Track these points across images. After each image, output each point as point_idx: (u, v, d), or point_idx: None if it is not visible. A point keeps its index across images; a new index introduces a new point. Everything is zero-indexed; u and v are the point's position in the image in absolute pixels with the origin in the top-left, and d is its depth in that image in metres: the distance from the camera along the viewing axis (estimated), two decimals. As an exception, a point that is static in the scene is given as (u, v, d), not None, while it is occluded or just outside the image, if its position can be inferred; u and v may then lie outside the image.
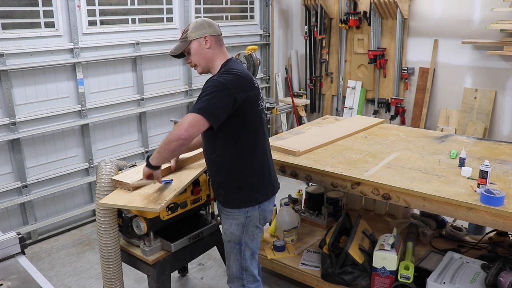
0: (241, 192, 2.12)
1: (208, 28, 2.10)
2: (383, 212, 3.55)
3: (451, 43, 4.88)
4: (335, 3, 5.69)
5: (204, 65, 2.13)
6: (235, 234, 2.16)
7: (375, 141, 3.15)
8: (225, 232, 2.20)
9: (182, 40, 2.13)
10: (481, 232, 3.14)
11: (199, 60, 2.11)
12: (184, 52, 2.14)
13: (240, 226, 2.15)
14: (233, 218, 2.15)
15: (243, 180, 2.11)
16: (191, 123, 1.87)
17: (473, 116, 4.79)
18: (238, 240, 2.17)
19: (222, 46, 2.16)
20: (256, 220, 2.17)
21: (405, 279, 2.48)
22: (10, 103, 3.46)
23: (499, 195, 2.08)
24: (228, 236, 2.19)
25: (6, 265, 1.76)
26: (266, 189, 2.18)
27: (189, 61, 2.15)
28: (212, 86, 1.94)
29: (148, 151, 4.53)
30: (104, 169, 2.35)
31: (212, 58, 2.11)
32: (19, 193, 3.64)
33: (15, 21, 3.49)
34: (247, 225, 2.15)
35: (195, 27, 2.10)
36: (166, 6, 4.51)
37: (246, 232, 2.16)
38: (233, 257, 2.22)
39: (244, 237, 2.17)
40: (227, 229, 2.18)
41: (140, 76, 4.34)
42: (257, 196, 2.14)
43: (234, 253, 2.21)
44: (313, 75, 6.06)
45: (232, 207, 2.14)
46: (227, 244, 2.23)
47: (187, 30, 2.12)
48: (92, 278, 3.27)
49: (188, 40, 2.10)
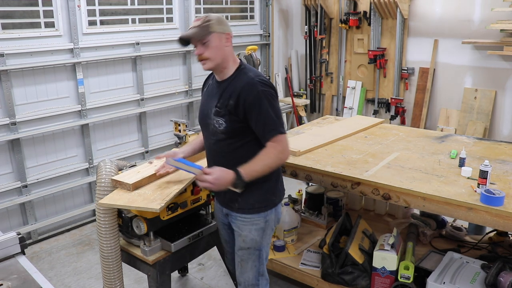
0: (260, 197, 2.07)
1: (229, 27, 2.01)
2: (383, 212, 3.55)
3: (451, 43, 4.88)
4: (335, 3, 5.68)
5: (219, 62, 1.97)
6: (256, 240, 2.09)
7: (375, 141, 3.15)
8: (245, 239, 2.11)
9: (202, 27, 1.92)
10: (481, 232, 3.14)
11: (215, 56, 1.95)
12: (192, 42, 1.96)
13: (260, 231, 2.09)
14: (252, 223, 2.08)
15: (263, 184, 2.05)
16: (286, 143, 1.98)
17: (473, 116, 4.79)
18: (259, 246, 2.11)
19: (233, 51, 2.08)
20: (273, 222, 2.14)
21: (405, 279, 2.48)
22: (10, 103, 3.46)
23: (499, 195, 2.08)
24: (249, 243, 2.10)
25: (6, 265, 1.76)
26: (280, 191, 2.17)
27: (200, 52, 1.95)
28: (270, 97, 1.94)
29: (148, 151, 4.53)
30: (104, 169, 2.35)
31: (227, 57, 1.99)
32: (19, 193, 3.64)
33: (15, 21, 3.49)
34: (266, 228, 2.11)
35: (218, 21, 1.95)
36: (166, 6, 4.51)
37: (265, 236, 2.12)
38: (251, 263, 2.14)
39: (263, 241, 2.12)
40: (247, 235, 2.09)
41: (140, 76, 4.34)
42: (274, 198, 2.12)
43: (252, 259, 2.13)
44: (313, 75, 6.06)
45: (251, 212, 2.07)
46: (244, 252, 2.13)
47: (209, 20, 1.93)
48: (92, 278, 3.27)
49: (210, 31, 1.92)
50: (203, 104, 2.15)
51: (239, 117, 1.95)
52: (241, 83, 1.96)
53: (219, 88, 2.04)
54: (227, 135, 2.00)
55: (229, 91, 1.97)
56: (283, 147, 1.95)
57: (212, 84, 2.12)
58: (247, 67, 2.04)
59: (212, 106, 2.03)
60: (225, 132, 1.99)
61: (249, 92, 1.92)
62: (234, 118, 1.96)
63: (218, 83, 2.06)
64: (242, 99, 1.92)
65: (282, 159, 1.98)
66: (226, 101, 1.96)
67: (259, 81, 1.94)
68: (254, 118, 1.93)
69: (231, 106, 1.95)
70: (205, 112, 2.09)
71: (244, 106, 1.92)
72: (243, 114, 1.94)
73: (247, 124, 1.97)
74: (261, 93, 1.91)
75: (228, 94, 1.97)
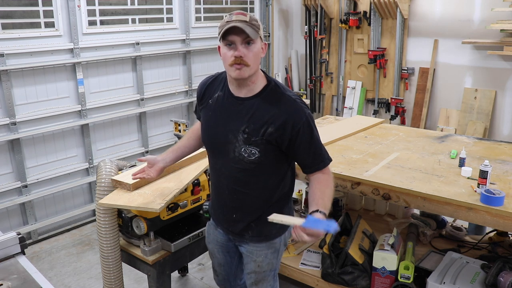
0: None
1: None
2: (383, 212, 3.55)
3: (451, 43, 4.88)
4: (335, 3, 5.68)
5: (253, 72, 1.69)
6: (272, 262, 1.96)
7: (375, 141, 3.15)
8: (260, 264, 1.94)
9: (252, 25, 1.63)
10: (481, 232, 3.14)
11: (255, 63, 1.67)
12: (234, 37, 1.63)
13: (275, 254, 1.96)
14: (268, 247, 1.92)
15: (282, 208, 1.88)
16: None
17: (473, 116, 4.79)
18: (274, 267, 2.00)
19: None
20: (284, 241, 1.99)
21: (405, 279, 2.47)
22: (10, 103, 3.46)
23: (499, 195, 2.07)
24: (265, 267, 1.95)
25: (6, 265, 1.75)
26: (291, 211, 2.03)
27: (242, 54, 1.62)
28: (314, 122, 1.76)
29: (148, 151, 4.53)
30: (104, 169, 2.35)
31: (258, 67, 1.72)
32: (19, 193, 3.64)
33: (15, 21, 3.49)
34: (280, 249, 1.98)
35: (260, 27, 1.71)
36: (166, 6, 4.51)
37: (279, 255, 2.00)
38: (266, 283, 2.02)
39: (278, 261, 2.02)
40: (263, 261, 1.93)
41: (140, 76, 4.34)
42: None
43: (267, 280, 2.01)
44: (313, 75, 6.06)
45: (269, 239, 1.91)
46: (259, 275, 1.98)
47: (257, 20, 1.68)
48: (92, 278, 3.27)
49: (258, 33, 1.67)
50: (216, 124, 1.80)
51: (280, 146, 1.71)
52: (282, 105, 1.69)
53: (243, 106, 1.72)
54: (259, 165, 1.74)
55: (264, 114, 1.69)
56: (332, 176, 1.83)
57: (225, 98, 1.78)
58: (278, 84, 1.77)
59: (236, 129, 1.73)
60: (258, 162, 1.72)
61: (298, 118, 1.68)
62: (272, 147, 1.71)
63: (239, 100, 1.74)
64: (290, 126, 1.67)
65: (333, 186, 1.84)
66: (262, 127, 1.68)
67: (301, 102, 1.73)
68: (302, 147, 1.72)
69: (270, 134, 1.68)
70: (223, 135, 1.76)
71: (292, 134, 1.68)
72: (287, 142, 1.70)
73: (286, 152, 1.75)
74: (309, 119, 1.70)
75: (263, 117, 1.68)
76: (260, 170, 1.76)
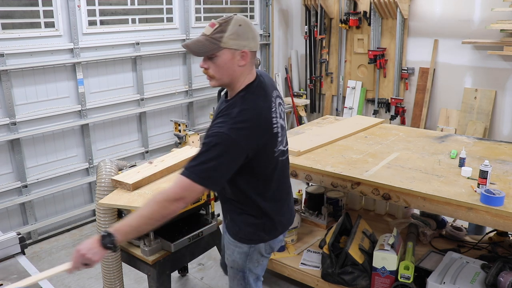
0: (247, 229, 1.86)
1: (252, 40, 1.65)
2: (383, 212, 3.55)
3: (451, 43, 4.88)
4: (335, 3, 5.68)
5: (225, 82, 1.68)
6: (237, 262, 1.93)
7: (375, 141, 3.15)
8: (228, 258, 1.98)
9: (211, 39, 1.60)
10: (481, 232, 3.14)
11: (222, 75, 1.65)
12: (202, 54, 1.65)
13: (243, 255, 1.91)
14: (235, 246, 1.91)
15: (252, 219, 1.84)
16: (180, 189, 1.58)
17: (473, 116, 4.79)
18: (241, 268, 1.95)
19: (253, 65, 1.72)
20: (262, 249, 1.92)
21: (405, 279, 2.48)
22: (10, 103, 3.46)
23: (499, 195, 2.08)
24: (231, 263, 1.97)
25: (6, 265, 1.76)
26: (275, 231, 1.92)
27: (205, 67, 1.65)
28: (222, 145, 1.55)
29: (148, 151, 4.53)
30: (104, 169, 2.35)
31: (239, 77, 1.67)
32: (19, 193, 3.64)
33: (15, 21, 3.49)
34: (251, 254, 1.91)
35: (236, 32, 1.60)
36: (166, 6, 4.51)
37: (250, 260, 1.92)
38: (236, 281, 2.01)
39: (248, 265, 1.94)
40: (230, 255, 1.95)
41: (140, 76, 4.34)
42: (263, 235, 1.88)
43: (237, 279, 2.00)
44: (313, 75, 6.06)
45: (235, 238, 1.90)
46: (229, 269, 2.01)
47: (224, 31, 1.59)
48: (92, 278, 3.27)
49: (220, 46, 1.60)
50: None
51: None
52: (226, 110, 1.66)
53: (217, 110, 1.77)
54: None
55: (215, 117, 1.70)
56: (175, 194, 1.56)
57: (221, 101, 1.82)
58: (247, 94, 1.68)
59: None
60: None
61: (215, 125, 1.62)
62: None
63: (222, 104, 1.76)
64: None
65: (168, 209, 1.57)
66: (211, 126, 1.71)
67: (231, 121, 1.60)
68: None
69: None
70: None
71: None
72: None
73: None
74: (218, 134, 1.57)
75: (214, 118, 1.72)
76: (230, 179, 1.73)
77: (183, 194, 1.57)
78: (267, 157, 1.74)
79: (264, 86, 1.77)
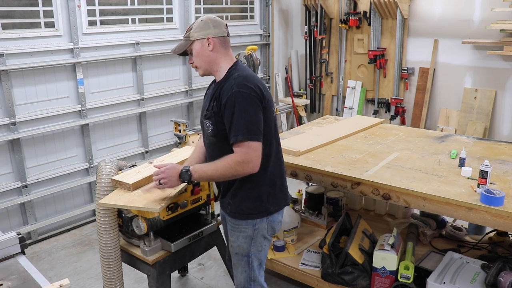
0: (252, 203, 2.01)
1: (213, 28, 1.96)
2: (383, 212, 3.55)
3: (451, 43, 4.88)
4: (335, 3, 5.69)
5: (206, 68, 2.01)
6: (242, 247, 2.07)
7: (375, 141, 3.15)
8: (232, 244, 2.11)
9: (185, 38, 2.00)
10: (481, 232, 3.14)
11: (201, 63, 1.99)
12: (187, 51, 2.03)
13: (247, 239, 2.06)
14: (240, 230, 2.05)
15: (254, 190, 2.00)
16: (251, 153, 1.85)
17: (473, 116, 4.79)
18: (246, 253, 2.08)
19: (228, 48, 2.02)
20: (265, 231, 2.06)
21: (405, 279, 2.48)
22: (10, 103, 3.46)
23: (499, 195, 2.08)
24: (236, 249, 2.10)
25: (6, 265, 1.76)
26: (278, 199, 2.09)
27: (191, 62, 2.04)
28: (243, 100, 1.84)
29: (148, 151, 4.53)
30: (104, 169, 2.35)
31: (215, 61, 1.99)
32: (19, 193, 3.64)
33: (15, 21, 3.49)
34: (255, 237, 2.05)
35: (199, 26, 1.96)
36: (166, 6, 4.51)
37: (254, 244, 2.07)
38: (240, 268, 2.13)
39: (252, 249, 2.07)
40: (234, 241, 2.08)
41: (140, 76, 4.34)
42: (268, 206, 2.04)
43: (242, 265, 2.12)
44: (313, 75, 6.06)
45: (240, 218, 2.04)
46: (234, 256, 2.14)
47: (191, 29, 1.98)
48: (92, 278, 3.27)
49: (191, 39, 1.97)
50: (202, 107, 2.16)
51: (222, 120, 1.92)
52: (225, 84, 1.93)
53: (212, 90, 2.03)
54: (215, 138, 1.98)
55: (217, 93, 1.94)
56: (243, 158, 1.85)
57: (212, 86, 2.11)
58: (238, 68, 1.99)
59: (205, 108, 2.04)
60: (213, 135, 1.97)
61: (226, 92, 1.88)
62: (218, 120, 1.93)
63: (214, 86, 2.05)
64: (220, 100, 1.90)
65: (239, 171, 1.87)
66: (212, 102, 1.95)
67: (237, 82, 1.88)
68: (226, 119, 1.89)
69: (214, 108, 1.93)
70: (201, 114, 2.09)
71: (221, 106, 1.90)
72: (220, 114, 1.91)
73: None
74: (236, 94, 1.85)
75: (215, 96, 1.95)
76: (220, 144, 1.97)
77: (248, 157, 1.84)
78: (270, 114, 1.98)
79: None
